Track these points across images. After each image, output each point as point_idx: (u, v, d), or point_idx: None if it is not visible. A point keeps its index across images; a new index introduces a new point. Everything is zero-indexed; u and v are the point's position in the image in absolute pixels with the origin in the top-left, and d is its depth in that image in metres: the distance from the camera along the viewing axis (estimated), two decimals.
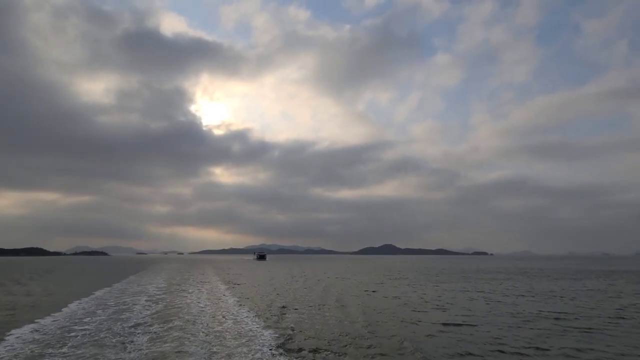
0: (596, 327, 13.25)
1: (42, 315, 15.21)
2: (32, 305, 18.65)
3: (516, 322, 14.24)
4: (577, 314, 16.10)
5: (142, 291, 24.76)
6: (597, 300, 20.91)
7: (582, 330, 12.74)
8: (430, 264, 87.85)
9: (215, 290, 25.54)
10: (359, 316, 15.40)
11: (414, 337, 11.70)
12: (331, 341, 11.16)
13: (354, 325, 13.53)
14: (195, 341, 10.93)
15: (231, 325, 13.25)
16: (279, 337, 11.53)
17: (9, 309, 17.34)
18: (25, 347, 10.20)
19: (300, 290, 26.08)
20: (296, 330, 12.66)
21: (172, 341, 10.88)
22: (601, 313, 16.31)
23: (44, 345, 10.44)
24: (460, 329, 12.95)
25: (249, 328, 12.80)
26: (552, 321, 14.38)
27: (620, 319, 15.01)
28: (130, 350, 9.88)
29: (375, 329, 12.91)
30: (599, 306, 18.45)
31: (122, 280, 34.06)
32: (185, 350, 9.98)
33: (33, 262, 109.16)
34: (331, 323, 13.93)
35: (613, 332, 12.60)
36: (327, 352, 9.95)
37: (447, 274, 45.70)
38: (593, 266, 72.34)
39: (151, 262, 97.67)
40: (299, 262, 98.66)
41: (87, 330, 12.30)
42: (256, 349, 10.04)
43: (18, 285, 30.09)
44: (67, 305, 18.04)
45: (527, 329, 12.88)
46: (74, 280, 36.79)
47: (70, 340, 11.00)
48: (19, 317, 14.96)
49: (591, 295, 23.03)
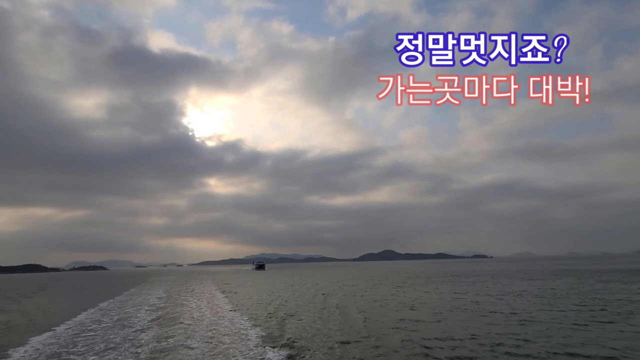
0: (541, 320, 15.72)
1: (57, 324, 17.53)
2: (45, 315, 21.13)
3: (473, 316, 16.70)
4: (527, 310, 18.57)
5: (144, 301, 27.11)
6: (555, 297, 23.36)
7: (521, 323, 15.17)
8: (419, 269, 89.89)
9: (212, 300, 27.86)
10: (359, 323, 15.77)
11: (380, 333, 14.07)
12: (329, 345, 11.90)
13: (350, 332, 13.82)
14: (195, 346, 13.30)
15: (226, 327, 15.64)
16: (278, 347, 11.67)
17: (33, 319, 19.91)
18: (46, 348, 12.40)
19: (298, 297, 28.37)
20: (296, 340, 12.58)
21: (174, 340, 13.27)
22: (552, 308, 18.79)
23: (60, 345, 12.75)
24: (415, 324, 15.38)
25: (240, 327, 15.20)
26: (506, 316, 16.85)
27: (560, 311, 17.51)
28: (137, 348, 12.25)
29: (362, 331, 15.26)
30: (551, 302, 20.92)
31: (124, 293, 36.32)
32: (189, 344, 12.36)
33: (33, 278, 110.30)
34: (329, 329, 14.57)
35: (557, 325, 15.02)
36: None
37: (439, 276, 48.04)
38: (584, 266, 74.68)
39: (150, 275, 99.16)
40: (298, 271, 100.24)
41: (96, 334, 14.64)
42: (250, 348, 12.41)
43: (28, 299, 32.55)
44: (76, 315, 20.28)
45: (483, 324, 15.29)
46: (78, 294, 39.04)
47: (81, 341, 13.19)
48: (36, 326, 17.25)
49: (554, 294, 25.47)
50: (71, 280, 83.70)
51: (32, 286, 57.91)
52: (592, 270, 57.48)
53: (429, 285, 36.68)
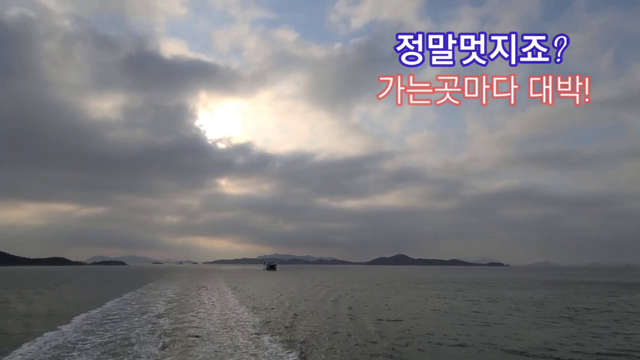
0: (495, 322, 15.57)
1: (94, 307, 20.53)
2: (80, 302, 24.15)
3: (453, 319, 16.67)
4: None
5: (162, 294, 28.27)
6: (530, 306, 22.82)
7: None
8: (424, 275, 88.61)
9: (222, 294, 28.59)
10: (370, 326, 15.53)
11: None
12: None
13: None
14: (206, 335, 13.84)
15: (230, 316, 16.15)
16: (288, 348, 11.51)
17: (71, 303, 23.88)
18: (83, 325, 15.26)
19: (308, 299, 28.68)
20: (307, 343, 12.21)
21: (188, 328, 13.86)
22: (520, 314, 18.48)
23: (93, 324, 15.41)
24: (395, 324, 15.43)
25: (239, 313, 15.65)
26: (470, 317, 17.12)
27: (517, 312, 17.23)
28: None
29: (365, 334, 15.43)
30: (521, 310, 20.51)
31: (142, 287, 38.58)
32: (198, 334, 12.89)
33: (61, 271, 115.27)
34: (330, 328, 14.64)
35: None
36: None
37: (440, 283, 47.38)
38: (598, 278, 72.02)
39: (166, 271, 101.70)
40: (310, 272, 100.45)
41: (121, 317, 17.18)
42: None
43: (64, 288, 37.56)
44: (104, 303, 22.87)
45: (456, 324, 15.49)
46: (104, 285, 42.93)
47: (109, 322, 15.75)
48: (75, 309, 19.76)
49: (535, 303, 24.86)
50: (94, 274, 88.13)
51: (61, 278, 61.92)
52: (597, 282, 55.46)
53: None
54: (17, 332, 13.76)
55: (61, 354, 10.40)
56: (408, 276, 73.79)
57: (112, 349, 11.01)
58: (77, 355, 10.37)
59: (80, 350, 10.89)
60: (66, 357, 10.17)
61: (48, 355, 10.35)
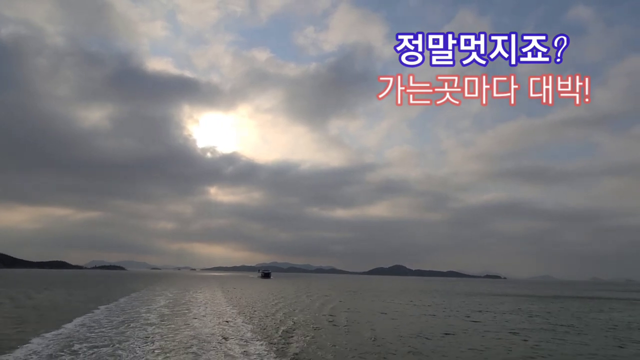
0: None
1: (107, 303, 24.59)
2: (93, 300, 27.09)
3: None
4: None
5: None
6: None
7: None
8: (412, 285, 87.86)
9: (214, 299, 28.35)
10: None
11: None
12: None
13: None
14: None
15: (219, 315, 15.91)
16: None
17: (82, 302, 26.38)
18: (92, 322, 17.29)
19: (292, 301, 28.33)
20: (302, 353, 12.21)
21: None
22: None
23: (103, 317, 18.50)
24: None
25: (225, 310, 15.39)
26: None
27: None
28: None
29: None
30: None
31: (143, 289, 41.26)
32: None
33: (65, 274, 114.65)
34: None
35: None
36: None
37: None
38: (616, 294, 71.31)
39: (164, 277, 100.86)
40: (305, 280, 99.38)
41: (128, 312, 20.50)
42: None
43: (81, 289, 41.29)
44: (117, 299, 27.12)
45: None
46: (113, 287, 47.92)
47: (116, 317, 18.38)
48: (86, 306, 22.74)
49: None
50: (97, 277, 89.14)
51: (64, 281, 64.31)
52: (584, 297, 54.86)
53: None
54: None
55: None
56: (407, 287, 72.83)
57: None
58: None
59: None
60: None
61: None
